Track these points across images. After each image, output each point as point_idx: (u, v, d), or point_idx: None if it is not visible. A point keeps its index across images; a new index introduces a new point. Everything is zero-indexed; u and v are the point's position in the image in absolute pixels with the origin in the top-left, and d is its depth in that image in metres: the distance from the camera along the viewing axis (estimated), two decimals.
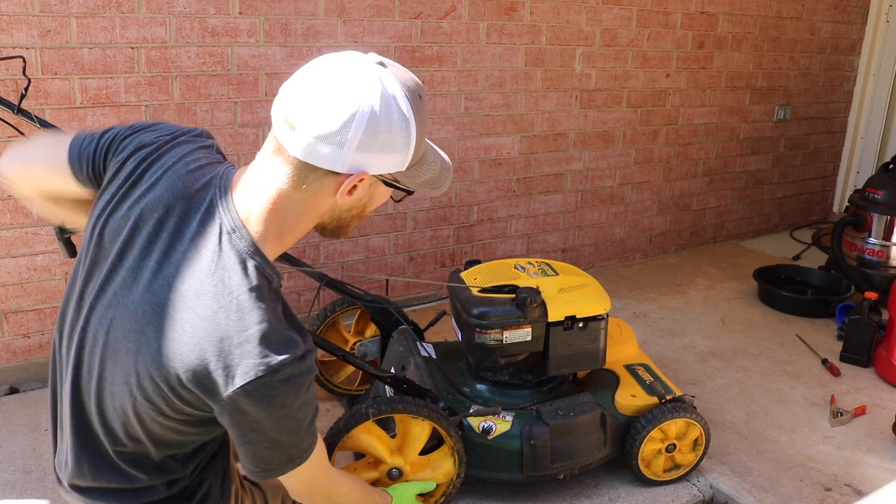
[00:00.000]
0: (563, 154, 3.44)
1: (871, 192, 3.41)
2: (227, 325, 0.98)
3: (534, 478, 1.88)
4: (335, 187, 1.04)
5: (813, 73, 4.31)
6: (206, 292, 1.00)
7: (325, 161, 1.00)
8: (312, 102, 0.99)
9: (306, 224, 1.09)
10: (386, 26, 2.78)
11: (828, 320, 3.19)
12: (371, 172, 1.04)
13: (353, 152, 1.00)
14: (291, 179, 1.02)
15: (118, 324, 1.05)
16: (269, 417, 1.01)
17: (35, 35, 2.19)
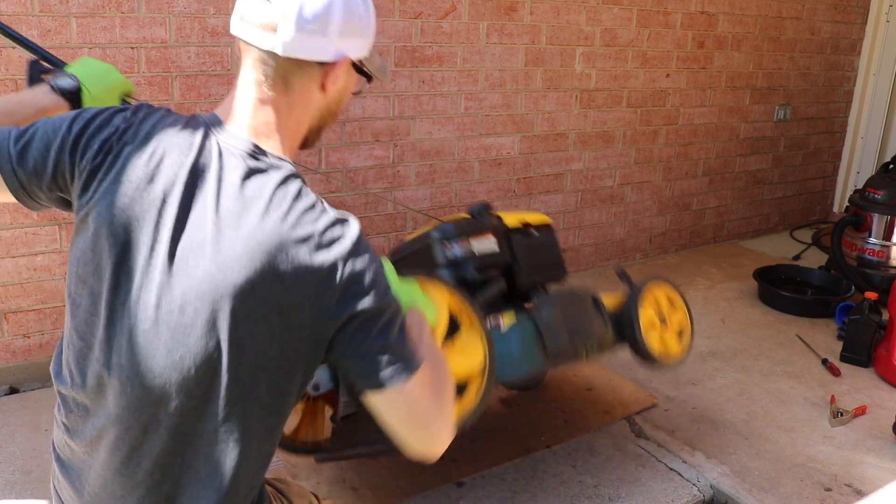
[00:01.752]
0: (563, 154, 3.44)
1: (871, 192, 3.41)
2: (306, 221, 0.97)
3: (557, 361, 1.79)
4: (322, 79, 1.05)
5: (813, 72, 4.31)
6: (271, 235, 0.96)
7: (314, 52, 1.01)
8: (289, 1, 0.99)
9: (304, 125, 1.09)
10: (386, 26, 2.78)
11: (828, 320, 3.19)
12: (352, 57, 1.06)
13: (336, 38, 1.02)
14: (282, 85, 1.03)
15: (215, 291, 0.95)
16: (378, 271, 1.00)
17: (35, 35, 2.19)
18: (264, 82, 1.03)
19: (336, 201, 2.87)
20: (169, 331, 0.95)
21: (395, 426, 1.04)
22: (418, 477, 2.03)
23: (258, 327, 0.96)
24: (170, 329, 0.95)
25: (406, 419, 1.04)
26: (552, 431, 2.27)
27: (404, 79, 2.89)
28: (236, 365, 0.96)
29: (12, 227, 2.30)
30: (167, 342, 0.95)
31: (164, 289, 0.95)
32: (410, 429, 1.05)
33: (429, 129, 3.01)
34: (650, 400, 2.47)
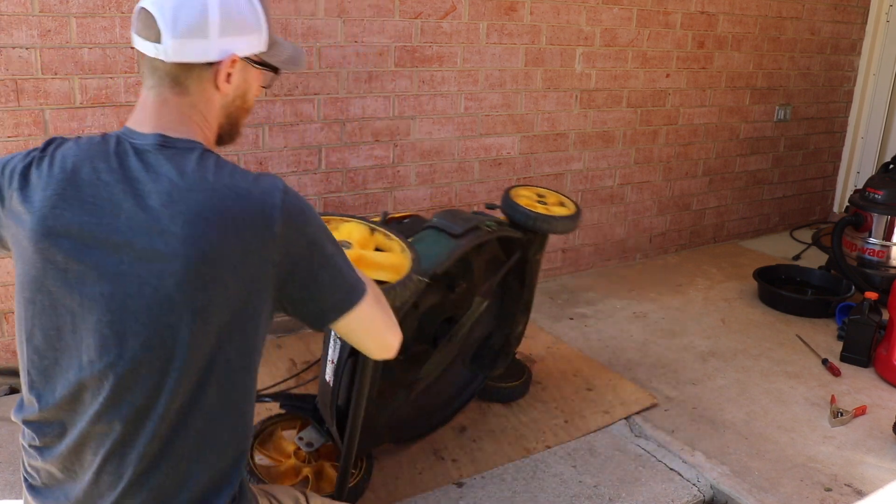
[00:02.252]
0: (563, 154, 3.44)
1: (871, 192, 3.41)
2: (236, 179, 1.05)
3: (464, 236, 1.87)
4: (214, 78, 1.12)
5: (813, 72, 4.31)
6: (197, 179, 1.03)
7: (197, 55, 1.09)
8: (167, 8, 1.07)
9: (213, 123, 1.16)
10: (386, 26, 2.78)
11: (828, 320, 3.19)
12: (240, 54, 1.13)
13: (217, 38, 1.09)
14: (177, 87, 1.11)
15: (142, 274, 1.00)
16: (316, 229, 1.09)
17: (35, 35, 2.19)
18: (161, 86, 1.11)
19: (336, 201, 2.87)
20: (132, 315, 1.00)
21: (362, 340, 1.21)
22: (418, 477, 2.03)
23: (216, 290, 1.01)
24: (132, 313, 1.00)
25: (370, 331, 1.20)
26: (552, 431, 2.27)
27: (404, 79, 2.89)
28: (203, 332, 1.01)
29: None
30: (132, 327, 1.00)
31: (116, 277, 1.00)
32: (374, 338, 1.22)
33: (429, 129, 3.01)
34: (650, 400, 2.47)
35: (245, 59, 1.15)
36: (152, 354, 1.00)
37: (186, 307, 0.99)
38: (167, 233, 0.99)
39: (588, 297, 3.39)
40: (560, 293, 3.42)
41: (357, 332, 1.19)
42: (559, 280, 3.59)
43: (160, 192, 1.01)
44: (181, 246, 0.98)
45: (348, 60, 2.74)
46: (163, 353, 1.00)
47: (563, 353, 2.79)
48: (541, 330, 3.00)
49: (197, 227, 0.99)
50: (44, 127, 2.27)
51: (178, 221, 0.99)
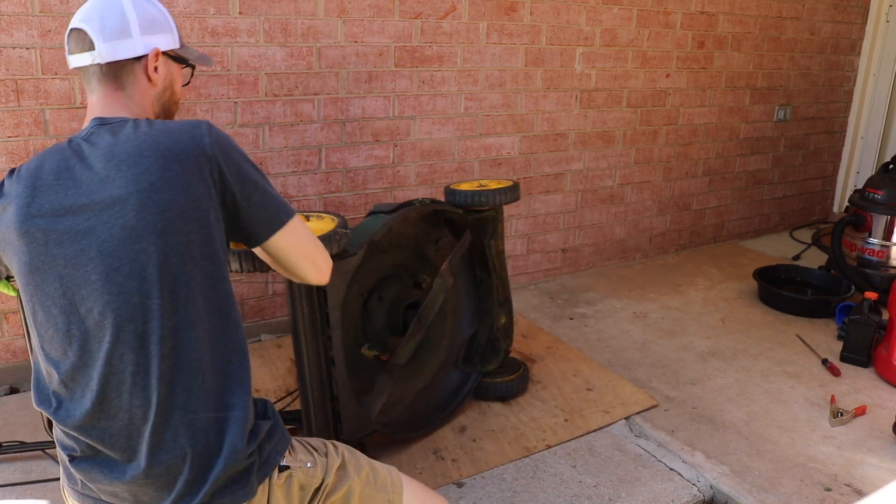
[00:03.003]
0: (563, 154, 3.44)
1: (871, 192, 3.41)
2: (168, 127, 1.20)
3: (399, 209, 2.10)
4: (144, 71, 1.31)
5: (813, 73, 4.31)
6: (132, 142, 1.17)
7: (126, 52, 1.28)
8: (94, 21, 1.27)
9: (144, 114, 1.32)
10: (386, 26, 2.78)
11: (828, 320, 3.19)
12: (161, 48, 1.33)
13: (140, 36, 1.30)
14: (114, 82, 1.29)
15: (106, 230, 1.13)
16: (240, 155, 1.23)
17: (35, 35, 2.19)
18: (101, 86, 1.29)
19: (336, 201, 2.87)
20: (110, 255, 1.13)
21: (294, 260, 1.34)
22: (418, 477, 2.03)
23: (171, 211, 1.14)
24: (110, 254, 1.12)
25: (301, 251, 1.34)
26: (552, 431, 2.28)
27: (404, 79, 2.89)
28: (170, 250, 1.14)
29: None
30: (113, 264, 1.12)
31: (88, 231, 1.13)
32: (305, 259, 1.35)
33: (429, 129, 3.01)
34: (650, 400, 2.47)
35: (165, 53, 1.35)
36: (134, 282, 1.12)
37: (149, 231, 1.12)
38: (116, 179, 1.13)
39: (588, 297, 3.39)
40: (560, 293, 3.42)
41: (289, 250, 1.32)
42: (559, 280, 3.59)
43: (102, 154, 1.16)
44: (129, 184, 1.13)
45: (348, 60, 2.74)
46: (142, 277, 1.12)
47: (563, 353, 2.79)
48: (541, 330, 3.00)
49: (138, 166, 1.14)
50: (44, 127, 2.27)
51: (122, 167, 1.14)
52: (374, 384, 2.09)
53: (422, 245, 2.26)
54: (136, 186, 1.13)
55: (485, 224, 2.35)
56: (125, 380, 1.13)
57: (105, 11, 1.29)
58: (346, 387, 1.93)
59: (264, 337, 2.81)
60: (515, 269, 3.43)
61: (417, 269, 2.24)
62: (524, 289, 3.45)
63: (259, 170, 1.27)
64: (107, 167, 1.14)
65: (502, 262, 2.43)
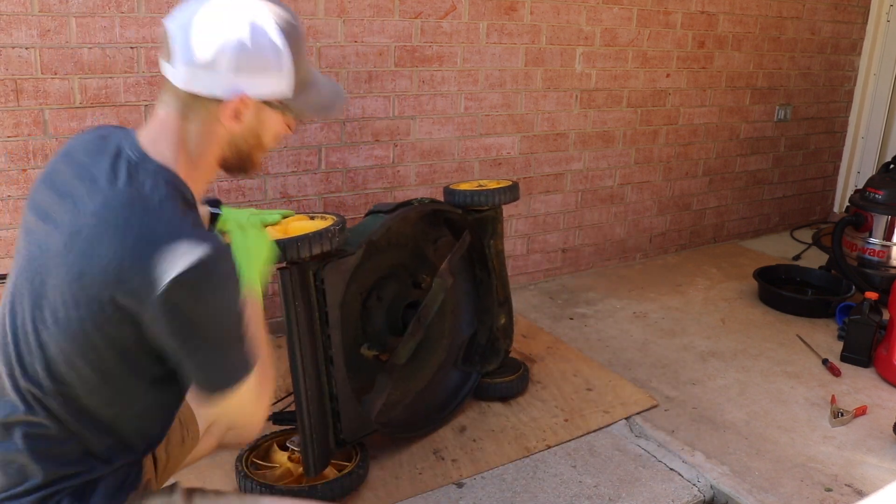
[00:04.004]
0: (563, 154, 3.44)
1: (871, 191, 3.41)
2: (144, 227, 1.02)
3: None
4: (220, 113, 1.11)
5: (813, 72, 4.31)
6: (119, 206, 1.04)
7: (205, 87, 1.09)
8: (187, 34, 1.07)
9: (210, 156, 1.16)
10: (386, 26, 2.78)
11: (828, 320, 3.18)
12: (250, 94, 1.11)
13: (228, 76, 1.08)
14: (182, 111, 1.12)
15: (42, 268, 1.08)
16: (205, 311, 1.02)
17: (35, 35, 2.19)
18: (169, 106, 1.13)
19: (336, 201, 2.87)
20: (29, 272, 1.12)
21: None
22: (418, 477, 2.02)
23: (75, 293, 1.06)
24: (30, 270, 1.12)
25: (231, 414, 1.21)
26: (552, 431, 2.27)
27: (404, 79, 2.88)
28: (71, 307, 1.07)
29: (12, 227, 2.30)
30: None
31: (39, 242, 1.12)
32: (235, 419, 1.25)
33: (429, 129, 3.01)
34: (650, 400, 2.47)
35: (260, 100, 1.13)
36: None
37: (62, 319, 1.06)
38: (69, 252, 1.04)
39: (588, 297, 3.39)
40: (560, 293, 3.42)
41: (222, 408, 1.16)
42: (559, 280, 3.59)
43: (86, 214, 1.05)
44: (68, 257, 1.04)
45: (348, 60, 2.74)
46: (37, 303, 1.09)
47: (563, 353, 2.79)
48: (541, 330, 3.00)
49: (94, 244, 1.02)
50: (43, 127, 2.27)
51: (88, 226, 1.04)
52: (373, 384, 2.09)
53: (421, 245, 2.26)
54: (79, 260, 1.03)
55: (484, 224, 2.35)
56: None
57: (202, 26, 1.07)
58: (345, 387, 1.93)
59: None
60: (515, 269, 3.43)
61: (417, 269, 2.24)
62: (524, 289, 3.45)
63: (227, 328, 1.07)
64: (86, 219, 1.04)
65: (502, 261, 2.43)
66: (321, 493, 1.83)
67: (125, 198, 1.05)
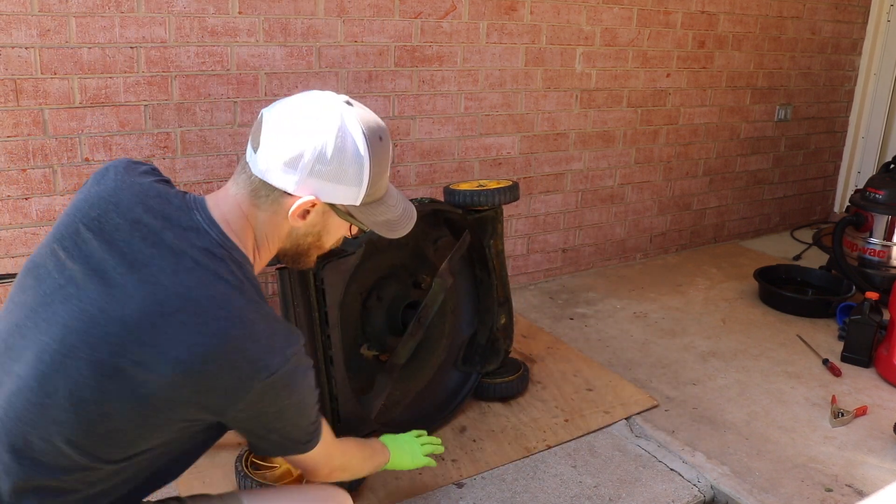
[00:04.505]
0: (564, 154, 3.44)
1: (872, 191, 3.41)
2: (235, 330, 1.01)
3: None
4: (288, 208, 1.13)
5: (814, 72, 4.30)
6: (205, 300, 1.02)
7: (280, 181, 1.11)
8: (278, 128, 1.11)
9: (271, 245, 1.18)
10: (386, 26, 2.78)
11: (828, 320, 3.18)
12: (322, 199, 1.13)
13: (305, 177, 1.10)
14: (253, 197, 1.13)
15: (104, 335, 1.01)
16: (290, 403, 1.08)
17: (34, 34, 2.19)
18: (244, 189, 1.14)
19: None
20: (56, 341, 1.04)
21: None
22: (418, 477, 2.02)
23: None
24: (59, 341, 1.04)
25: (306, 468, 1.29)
26: (552, 431, 2.27)
27: (404, 79, 2.88)
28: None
29: (11, 227, 2.30)
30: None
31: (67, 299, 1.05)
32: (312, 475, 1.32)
33: (429, 129, 3.01)
34: (650, 400, 2.47)
35: (329, 204, 1.15)
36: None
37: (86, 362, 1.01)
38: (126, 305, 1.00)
39: (588, 297, 3.39)
40: (560, 293, 3.42)
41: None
42: (559, 280, 3.59)
43: (181, 281, 1.02)
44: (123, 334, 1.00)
45: (348, 60, 2.74)
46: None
47: (563, 353, 2.79)
48: (541, 330, 3.00)
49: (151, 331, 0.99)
50: (43, 127, 2.27)
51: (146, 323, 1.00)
52: (373, 384, 2.08)
53: (421, 245, 2.26)
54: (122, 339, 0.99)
55: (484, 224, 2.35)
56: None
57: (297, 126, 1.10)
58: (345, 387, 1.93)
59: None
60: (515, 269, 3.43)
61: (416, 269, 2.24)
62: (524, 289, 3.45)
63: (305, 414, 1.14)
64: (134, 288, 1.00)
65: (502, 262, 2.43)
66: None
67: (216, 294, 1.03)
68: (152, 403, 1.00)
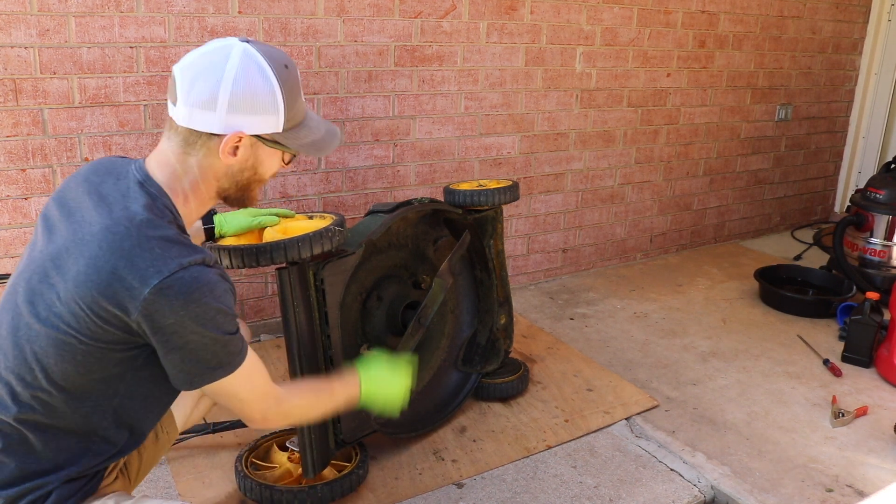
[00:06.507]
0: (564, 154, 3.43)
1: (872, 191, 3.40)
2: (132, 238, 1.11)
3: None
4: (218, 147, 1.21)
5: (814, 72, 4.30)
6: (114, 220, 1.14)
7: (204, 125, 1.19)
8: (189, 77, 1.19)
9: (207, 187, 1.26)
10: (386, 25, 2.78)
11: (829, 321, 3.18)
12: (247, 132, 1.22)
13: (224, 115, 1.19)
14: (183, 146, 1.22)
15: (37, 269, 1.17)
16: (188, 316, 1.11)
17: (34, 34, 2.19)
18: (171, 141, 1.23)
19: (336, 201, 2.87)
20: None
21: (221, 402, 1.28)
22: (418, 477, 2.02)
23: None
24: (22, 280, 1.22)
25: (226, 401, 1.28)
26: (552, 431, 2.27)
27: (404, 78, 2.88)
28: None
29: (11, 227, 2.30)
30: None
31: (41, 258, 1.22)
32: (233, 406, 1.29)
33: (429, 129, 3.00)
34: (651, 400, 2.46)
35: (255, 136, 1.23)
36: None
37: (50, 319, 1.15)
38: (66, 258, 1.14)
39: (588, 297, 3.38)
40: (560, 293, 3.42)
41: (215, 397, 1.26)
42: (559, 280, 3.58)
43: (103, 215, 1.15)
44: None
45: (348, 60, 2.73)
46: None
47: (563, 353, 2.79)
48: (541, 330, 2.99)
49: (79, 258, 1.12)
50: (42, 126, 2.27)
51: (75, 246, 1.14)
52: None
53: (421, 245, 2.26)
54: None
55: (484, 224, 2.34)
56: None
57: (204, 70, 1.19)
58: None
59: (263, 337, 2.81)
60: (515, 269, 3.42)
61: (416, 269, 2.24)
62: (524, 289, 3.45)
63: (209, 338, 1.15)
64: (75, 233, 1.15)
65: (502, 261, 2.43)
66: (321, 494, 1.83)
67: (127, 213, 1.14)
68: (66, 322, 1.11)
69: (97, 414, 1.20)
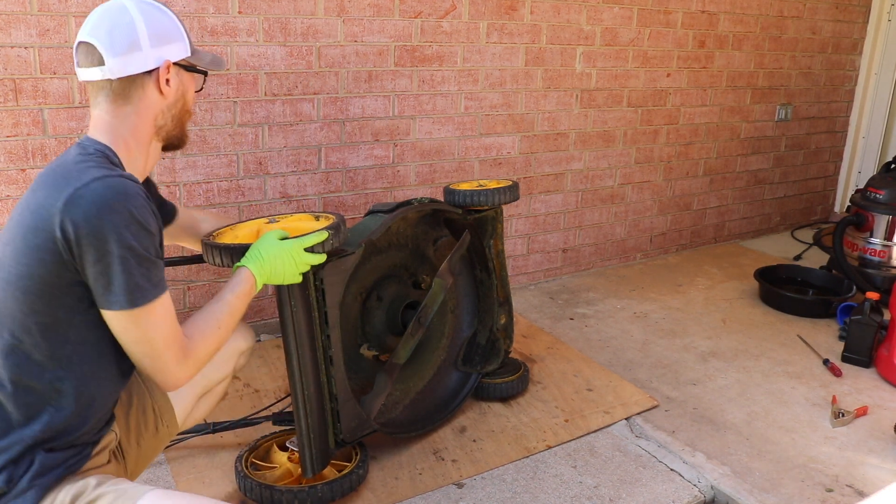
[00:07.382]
0: (564, 154, 3.43)
1: (872, 191, 3.40)
2: (60, 173, 1.22)
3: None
4: (155, 84, 1.33)
5: (814, 72, 4.30)
6: (57, 166, 1.25)
7: (139, 65, 1.30)
8: (104, 34, 1.28)
9: (146, 128, 1.35)
10: (386, 25, 2.78)
11: (829, 321, 3.18)
12: (172, 59, 1.34)
13: (150, 49, 1.31)
14: (117, 100, 1.31)
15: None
16: (104, 226, 1.16)
17: (34, 34, 2.19)
18: (108, 103, 1.31)
19: (336, 201, 2.87)
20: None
21: (128, 347, 1.29)
22: (418, 477, 2.02)
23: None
24: None
25: (132, 344, 1.29)
26: (552, 431, 2.27)
27: (404, 78, 2.88)
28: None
29: None
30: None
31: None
32: (139, 353, 1.30)
33: (429, 129, 3.00)
34: (651, 400, 2.46)
35: (177, 64, 1.37)
36: None
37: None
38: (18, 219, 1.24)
39: (588, 297, 3.38)
40: (560, 293, 3.42)
41: (121, 336, 1.26)
42: (559, 280, 3.58)
43: (47, 170, 1.26)
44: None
45: (348, 60, 2.73)
46: None
47: (563, 353, 2.79)
48: (541, 330, 2.99)
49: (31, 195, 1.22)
50: (42, 126, 2.27)
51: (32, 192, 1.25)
52: (373, 384, 2.08)
53: (421, 245, 2.26)
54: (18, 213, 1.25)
55: (484, 224, 2.34)
56: None
57: (113, 24, 1.29)
58: (345, 386, 1.93)
59: (264, 337, 2.81)
60: (515, 269, 3.42)
61: (416, 269, 2.24)
62: (524, 289, 3.45)
63: (126, 248, 1.19)
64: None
65: (502, 261, 2.43)
66: (321, 494, 1.83)
67: (62, 165, 1.26)
68: (14, 270, 1.21)
69: (52, 363, 1.23)
